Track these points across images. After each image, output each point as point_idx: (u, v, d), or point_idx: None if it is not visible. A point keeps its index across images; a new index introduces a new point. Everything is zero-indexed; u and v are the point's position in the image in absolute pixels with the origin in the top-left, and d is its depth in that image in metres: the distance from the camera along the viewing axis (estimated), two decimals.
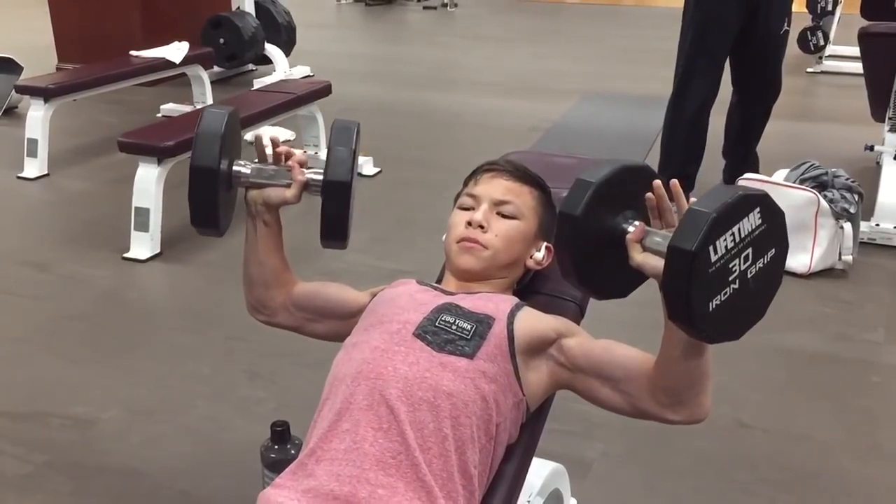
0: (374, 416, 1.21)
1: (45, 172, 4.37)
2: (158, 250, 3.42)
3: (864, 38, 3.85)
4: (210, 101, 5.41)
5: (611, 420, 2.35)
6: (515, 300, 1.38)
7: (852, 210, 3.20)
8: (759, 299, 1.11)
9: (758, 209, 1.07)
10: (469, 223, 1.42)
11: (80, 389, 2.51)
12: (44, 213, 4.05)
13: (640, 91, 6.07)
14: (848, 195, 3.22)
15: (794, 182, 3.27)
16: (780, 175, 3.37)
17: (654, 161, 3.96)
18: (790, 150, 4.35)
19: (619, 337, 1.35)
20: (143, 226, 3.40)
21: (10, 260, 3.40)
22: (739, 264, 1.06)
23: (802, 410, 2.44)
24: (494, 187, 1.45)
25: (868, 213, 3.52)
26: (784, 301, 3.04)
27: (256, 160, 1.45)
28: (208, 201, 1.36)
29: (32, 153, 4.36)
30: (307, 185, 1.39)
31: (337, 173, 1.35)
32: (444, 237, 1.47)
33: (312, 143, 4.45)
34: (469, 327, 1.28)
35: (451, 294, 1.38)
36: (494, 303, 1.34)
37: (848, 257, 3.23)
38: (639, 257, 1.15)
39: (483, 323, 1.29)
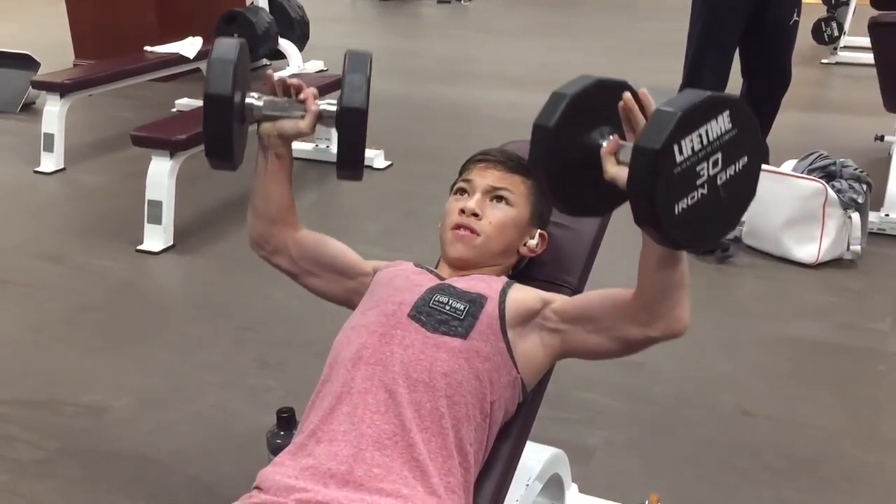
0: (373, 400, 1.24)
1: (62, 167, 4.44)
2: (171, 242, 3.47)
3: (875, 28, 3.83)
4: None
5: (614, 408, 2.40)
6: (507, 279, 1.41)
7: (860, 200, 3.20)
8: (730, 209, 1.10)
9: (727, 112, 1.04)
10: (462, 211, 1.44)
11: (93, 378, 2.56)
12: (59, 206, 4.11)
13: (652, 83, 5.93)
14: (856, 185, 3.22)
15: (801, 173, 3.27)
16: (789, 166, 3.37)
17: None
18: (802, 140, 4.34)
19: None
20: (155, 218, 3.45)
21: (27, 253, 3.46)
22: (708, 168, 1.04)
23: (806, 399, 2.45)
24: (487, 176, 1.48)
25: (878, 203, 3.52)
26: (791, 290, 3.09)
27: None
28: (223, 130, 1.31)
29: (49, 148, 4.43)
30: (321, 116, 1.38)
31: (353, 100, 1.31)
32: (439, 225, 1.50)
33: (324, 136, 4.49)
34: (462, 307, 1.31)
35: (446, 278, 1.41)
36: (487, 282, 1.38)
37: (856, 247, 3.23)
38: (612, 170, 1.13)
39: (476, 303, 1.32)
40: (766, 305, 2.97)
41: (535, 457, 1.74)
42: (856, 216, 3.19)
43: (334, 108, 1.35)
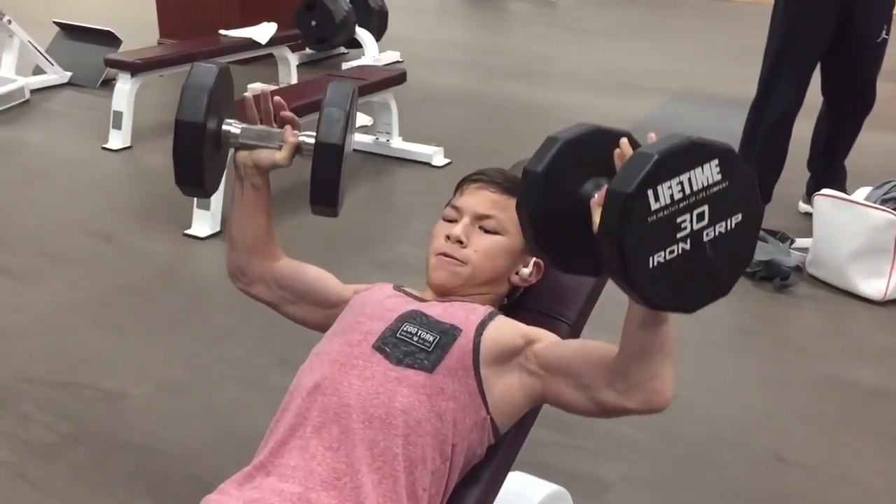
0: (326, 435, 1.18)
1: (128, 145, 4.50)
2: (218, 229, 3.46)
3: None
4: (294, 81, 5.47)
5: (638, 440, 2.27)
6: (490, 309, 1.31)
7: None
8: (721, 270, 1.00)
9: (716, 161, 0.96)
10: (448, 237, 1.35)
11: (117, 363, 2.56)
12: (119, 185, 4.17)
13: (735, 93, 5.78)
14: None
15: (874, 202, 3.05)
16: (861, 193, 3.15)
17: None
18: (885, 165, 4.07)
19: None
20: (204, 203, 3.44)
21: (79, 229, 3.51)
22: (691, 222, 0.96)
23: (850, 450, 2.27)
24: (478, 200, 1.38)
25: None
26: (851, 328, 2.90)
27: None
28: (192, 158, 1.29)
29: (117, 125, 4.50)
30: (299, 148, 1.32)
31: (328, 135, 1.26)
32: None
33: (385, 130, 4.44)
34: (431, 339, 1.22)
35: (424, 301, 1.33)
36: (465, 312, 1.28)
37: None
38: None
39: (448, 334, 1.23)
40: (822, 342, 2.78)
41: (532, 494, 1.65)
42: None
43: (313, 141, 1.29)
